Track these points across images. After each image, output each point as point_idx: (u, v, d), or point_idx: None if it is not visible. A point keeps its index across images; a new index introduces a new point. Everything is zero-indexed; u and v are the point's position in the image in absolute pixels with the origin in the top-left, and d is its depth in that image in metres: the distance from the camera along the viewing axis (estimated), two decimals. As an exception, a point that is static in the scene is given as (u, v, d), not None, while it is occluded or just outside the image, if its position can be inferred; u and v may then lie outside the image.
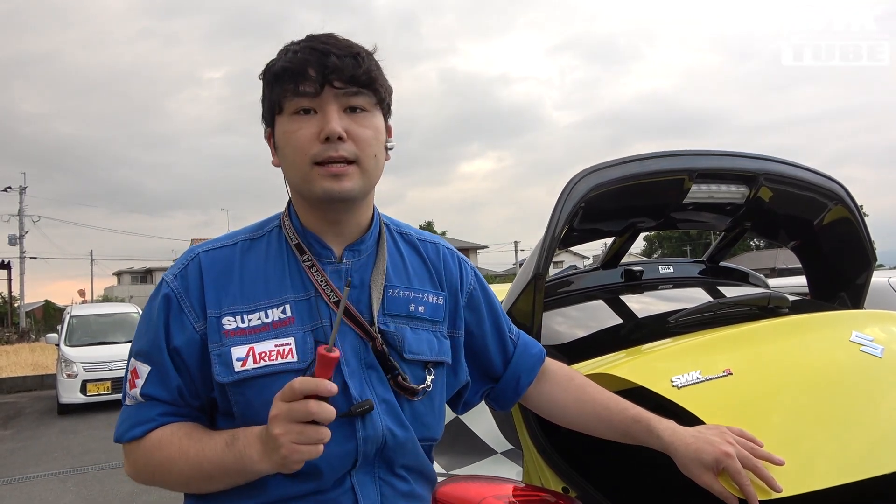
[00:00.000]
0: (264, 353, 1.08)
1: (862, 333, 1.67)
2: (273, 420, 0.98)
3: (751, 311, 2.03)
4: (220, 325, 1.10)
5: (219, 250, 1.17)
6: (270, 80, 1.13)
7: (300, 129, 1.10)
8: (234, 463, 1.04)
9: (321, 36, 1.12)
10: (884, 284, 3.55)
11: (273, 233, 1.20)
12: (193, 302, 1.12)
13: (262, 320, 1.11)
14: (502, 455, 1.75)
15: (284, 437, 0.96)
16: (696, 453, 1.17)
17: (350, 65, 1.09)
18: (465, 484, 1.55)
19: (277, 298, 1.12)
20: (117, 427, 1.15)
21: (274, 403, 0.98)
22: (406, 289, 1.21)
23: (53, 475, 6.75)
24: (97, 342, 11.40)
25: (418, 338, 1.19)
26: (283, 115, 1.12)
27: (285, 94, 1.10)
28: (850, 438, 1.40)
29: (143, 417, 1.12)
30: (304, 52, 1.09)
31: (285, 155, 1.13)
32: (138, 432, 1.11)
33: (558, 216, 1.71)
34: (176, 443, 1.09)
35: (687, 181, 1.96)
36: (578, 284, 2.41)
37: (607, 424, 1.29)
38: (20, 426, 9.75)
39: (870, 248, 2.25)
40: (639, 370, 1.54)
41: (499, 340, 1.36)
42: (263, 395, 1.06)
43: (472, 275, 1.34)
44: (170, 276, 1.16)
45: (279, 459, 0.98)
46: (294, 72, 1.09)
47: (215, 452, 1.05)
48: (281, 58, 1.12)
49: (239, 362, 1.08)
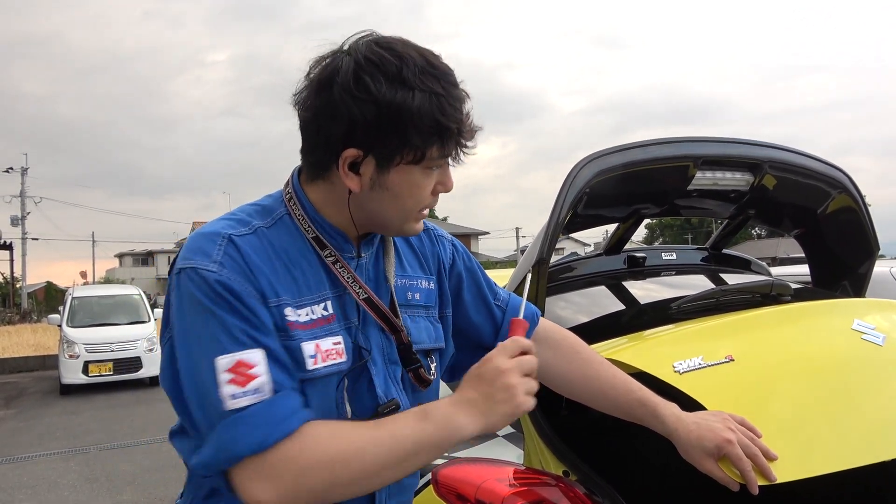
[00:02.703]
0: (329, 351, 1.04)
1: (864, 322, 1.68)
2: (508, 372, 0.99)
3: (753, 298, 2.03)
4: (283, 316, 1.01)
5: (247, 237, 1.03)
6: (418, 125, 0.99)
7: (429, 184, 1.06)
8: (438, 434, 0.98)
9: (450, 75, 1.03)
10: (885, 274, 3.55)
11: (284, 220, 1.09)
12: (252, 285, 0.99)
13: (310, 316, 1.04)
14: (503, 438, 1.76)
15: (520, 387, 0.99)
16: (698, 439, 1.18)
17: (473, 128, 1.05)
18: (465, 466, 1.56)
19: (318, 294, 1.06)
20: (243, 438, 0.91)
21: (497, 358, 1.00)
22: (402, 276, 1.19)
23: (56, 455, 6.80)
24: (99, 323, 11.43)
25: (417, 326, 1.18)
26: (415, 165, 1.02)
27: (432, 150, 1.01)
28: (850, 425, 1.41)
29: (288, 408, 0.95)
30: (456, 106, 1.01)
31: (400, 201, 1.05)
32: (295, 424, 0.94)
33: (562, 202, 1.71)
34: (349, 430, 0.98)
35: (692, 168, 1.96)
36: (581, 270, 2.41)
37: (612, 402, 1.29)
38: (22, 406, 9.81)
39: (873, 236, 2.25)
40: (641, 355, 1.55)
41: (484, 310, 1.32)
42: (317, 398, 1.02)
43: (449, 247, 1.31)
44: (207, 262, 0.98)
45: (510, 410, 0.99)
46: (453, 133, 1.01)
47: (412, 430, 0.98)
48: (432, 101, 0.99)
49: (311, 359, 1.02)
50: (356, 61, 1.00)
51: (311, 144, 1.07)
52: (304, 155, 1.10)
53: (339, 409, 1.05)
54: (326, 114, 1.01)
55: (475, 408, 0.99)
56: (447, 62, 1.05)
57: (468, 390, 1.01)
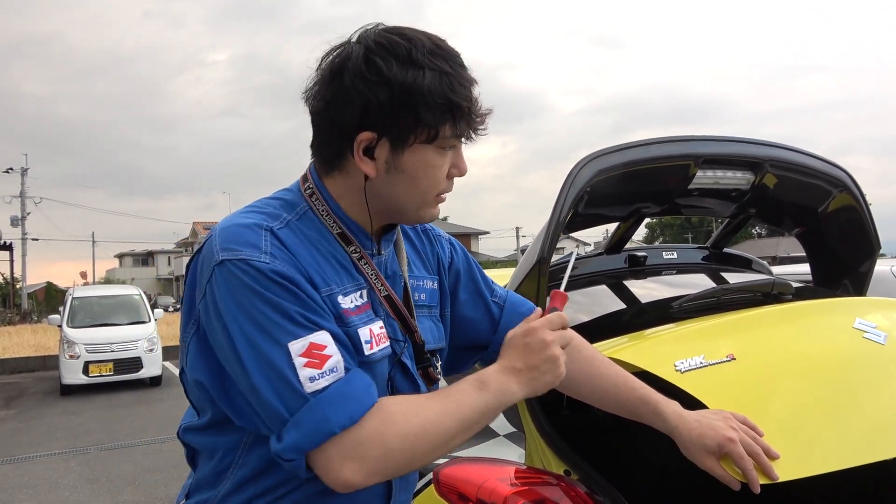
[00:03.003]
0: (379, 335, 1.07)
1: (865, 320, 1.68)
2: (552, 344, 1.05)
3: (754, 297, 2.03)
4: (336, 303, 1.03)
5: (283, 230, 1.04)
6: (430, 103, 1.00)
7: (443, 164, 1.07)
8: (495, 402, 1.03)
9: (457, 56, 1.05)
10: (886, 273, 3.56)
11: (308, 215, 1.09)
12: (302, 275, 1.00)
13: (355, 303, 1.06)
14: (505, 437, 1.76)
15: (562, 357, 1.06)
16: (699, 437, 1.18)
17: (482, 109, 1.07)
18: (467, 466, 1.56)
19: (354, 283, 1.08)
20: (333, 416, 0.93)
21: (541, 330, 1.05)
22: (410, 277, 1.20)
23: (56, 455, 6.80)
24: (99, 324, 11.43)
25: (423, 327, 1.18)
26: (429, 144, 1.04)
27: (444, 129, 1.03)
28: (851, 424, 1.41)
29: (363, 384, 0.98)
30: (466, 86, 1.03)
31: (416, 183, 1.06)
32: (375, 397, 0.98)
33: (563, 201, 1.71)
34: (419, 404, 1.01)
35: (692, 167, 1.96)
36: (582, 269, 2.41)
37: (613, 400, 1.29)
38: (23, 406, 9.81)
39: (874, 235, 2.25)
40: (642, 354, 1.55)
41: (482, 307, 1.33)
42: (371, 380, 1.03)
43: (447, 246, 1.33)
44: (255, 253, 0.98)
45: (553, 379, 1.06)
46: (464, 111, 1.03)
47: (475, 399, 1.02)
48: (441, 79, 1.01)
49: (367, 344, 1.05)
50: (366, 47, 1.02)
51: (325, 135, 1.08)
52: (316, 149, 1.11)
53: (395, 390, 1.10)
54: (339, 101, 1.03)
55: (524, 375, 1.05)
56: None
57: (516, 360, 1.05)
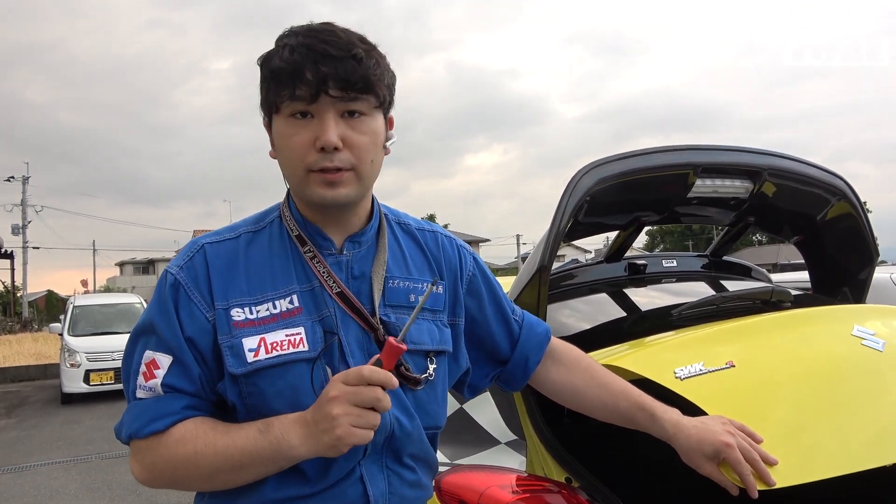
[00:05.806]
0: (276, 342, 1.09)
1: (863, 327, 1.69)
2: (333, 401, 0.98)
3: (753, 304, 2.04)
4: (229, 317, 1.10)
5: (223, 243, 1.16)
6: (267, 77, 1.09)
7: (296, 134, 1.08)
8: (269, 450, 1.02)
9: (320, 31, 1.07)
10: (886, 280, 3.57)
11: (274, 224, 1.20)
12: (203, 292, 1.11)
13: (270, 311, 1.11)
14: (506, 445, 1.77)
15: (344, 418, 0.97)
16: (697, 443, 1.19)
17: (349, 69, 1.04)
18: (469, 473, 1.57)
19: (284, 289, 1.13)
20: (129, 423, 1.09)
21: (332, 385, 0.99)
22: (406, 279, 1.21)
23: (57, 464, 6.79)
24: (100, 332, 11.43)
25: (419, 328, 1.19)
26: (279, 115, 1.09)
27: (282, 96, 1.07)
28: (850, 431, 1.42)
29: (166, 410, 1.08)
30: (300, 51, 1.05)
31: (282, 156, 1.13)
32: (161, 425, 1.07)
33: (563, 209, 1.72)
34: (202, 436, 1.06)
35: (691, 175, 1.97)
36: (583, 277, 2.42)
37: (612, 410, 1.31)
38: (24, 415, 9.80)
39: (872, 243, 2.26)
40: (642, 362, 1.55)
41: (503, 323, 1.36)
42: (276, 385, 1.08)
43: (471, 260, 1.34)
44: (175, 266, 1.14)
45: (330, 441, 0.98)
46: (291, 74, 1.05)
47: (248, 441, 1.04)
48: (278, 52, 1.08)
49: (251, 353, 1.08)
50: None
51: None
52: None
53: (316, 391, 1.07)
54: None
55: (309, 429, 1.01)
56: (373, 38, 1.11)
57: (310, 410, 1.02)
